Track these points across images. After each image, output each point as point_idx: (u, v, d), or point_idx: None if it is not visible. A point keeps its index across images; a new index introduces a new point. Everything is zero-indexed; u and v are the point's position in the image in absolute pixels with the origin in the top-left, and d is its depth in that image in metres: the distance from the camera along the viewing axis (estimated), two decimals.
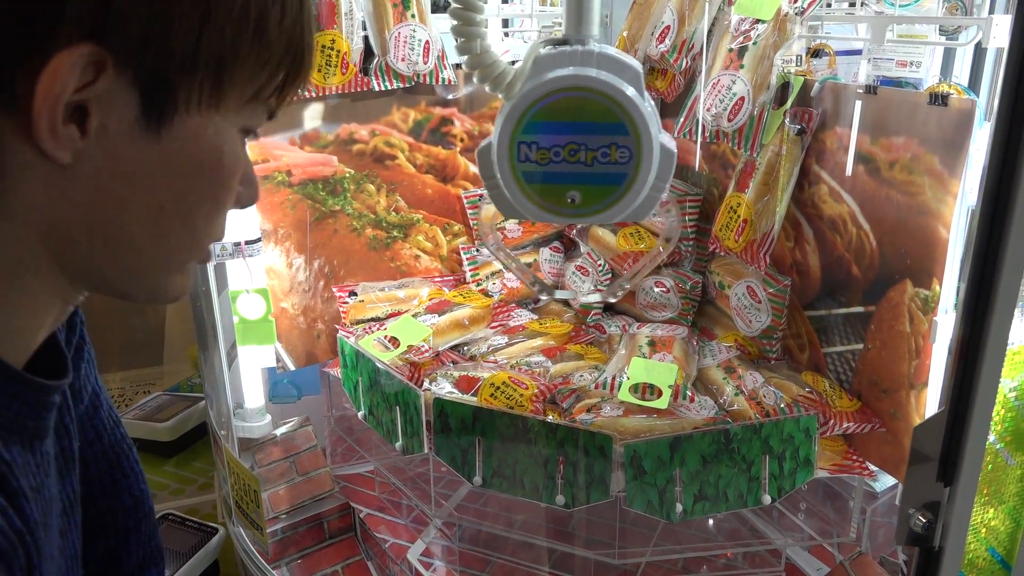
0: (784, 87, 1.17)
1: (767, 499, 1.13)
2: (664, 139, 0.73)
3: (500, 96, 0.77)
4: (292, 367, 1.50)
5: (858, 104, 1.07)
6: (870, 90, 1.06)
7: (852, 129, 1.09)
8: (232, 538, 1.36)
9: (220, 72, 0.46)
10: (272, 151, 1.38)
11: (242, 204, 0.54)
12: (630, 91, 0.70)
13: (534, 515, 1.36)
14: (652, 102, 0.75)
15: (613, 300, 1.33)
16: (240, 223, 1.36)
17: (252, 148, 1.37)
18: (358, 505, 1.50)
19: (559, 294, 1.21)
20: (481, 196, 1.54)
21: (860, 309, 1.14)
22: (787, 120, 1.16)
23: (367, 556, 1.49)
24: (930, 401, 1.04)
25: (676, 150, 0.75)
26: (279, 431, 1.58)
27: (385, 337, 1.32)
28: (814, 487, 1.33)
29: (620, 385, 1.13)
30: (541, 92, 0.71)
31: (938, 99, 0.97)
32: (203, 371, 1.37)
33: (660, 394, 1.11)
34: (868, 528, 1.21)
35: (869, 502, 1.21)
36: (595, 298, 1.14)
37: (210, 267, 1.34)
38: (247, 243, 1.34)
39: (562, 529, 1.35)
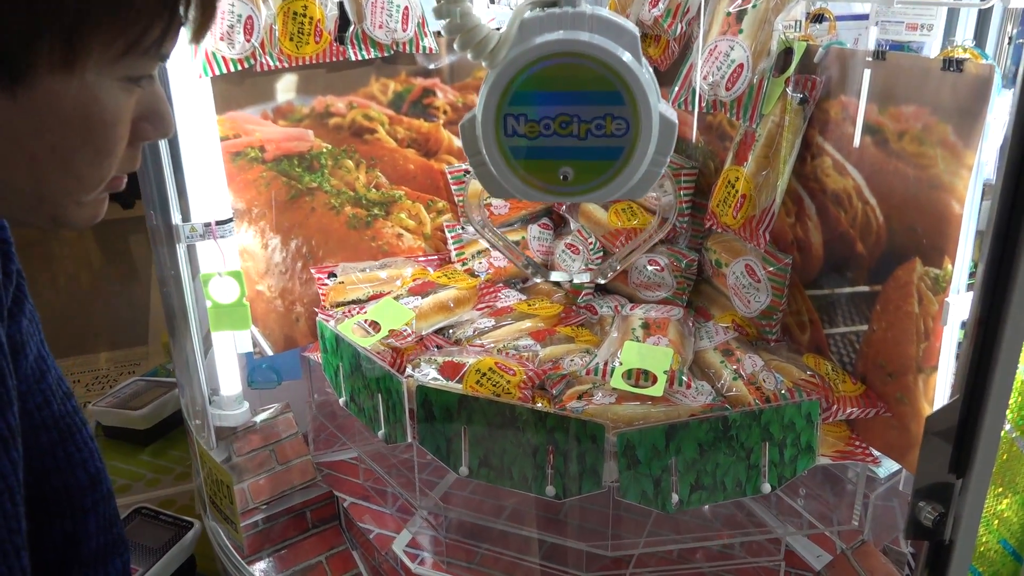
0: (786, 53, 1.10)
1: (767, 488, 1.08)
2: (664, 108, 0.67)
3: (484, 64, 0.70)
4: (270, 352, 1.44)
5: (866, 71, 1.00)
6: (878, 55, 0.99)
7: (859, 97, 1.02)
8: (208, 532, 1.31)
9: (70, 36, 0.47)
10: (243, 125, 1.31)
11: (151, 138, 0.56)
12: (627, 56, 0.64)
13: (524, 503, 1.31)
14: (650, 68, 0.69)
15: (603, 281, 1.27)
16: (211, 202, 1.29)
17: (222, 123, 1.29)
18: (342, 494, 1.45)
19: (554, 276, 1.15)
20: (466, 171, 1.47)
21: (865, 288, 1.08)
22: (789, 88, 1.09)
23: (352, 546, 1.44)
24: (940, 386, 0.99)
25: (677, 120, 0.69)
26: (259, 418, 1.52)
27: (365, 321, 1.25)
28: (814, 472, 1.28)
29: (612, 371, 1.07)
30: (528, 59, 0.65)
31: (952, 64, 0.91)
32: (175, 358, 1.31)
33: (655, 380, 1.05)
34: (871, 515, 1.16)
35: (872, 488, 1.17)
36: (585, 278, 1.08)
37: (180, 249, 1.27)
38: (218, 223, 1.27)
39: (553, 517, 1.30)
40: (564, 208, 1.46)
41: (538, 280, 1.37)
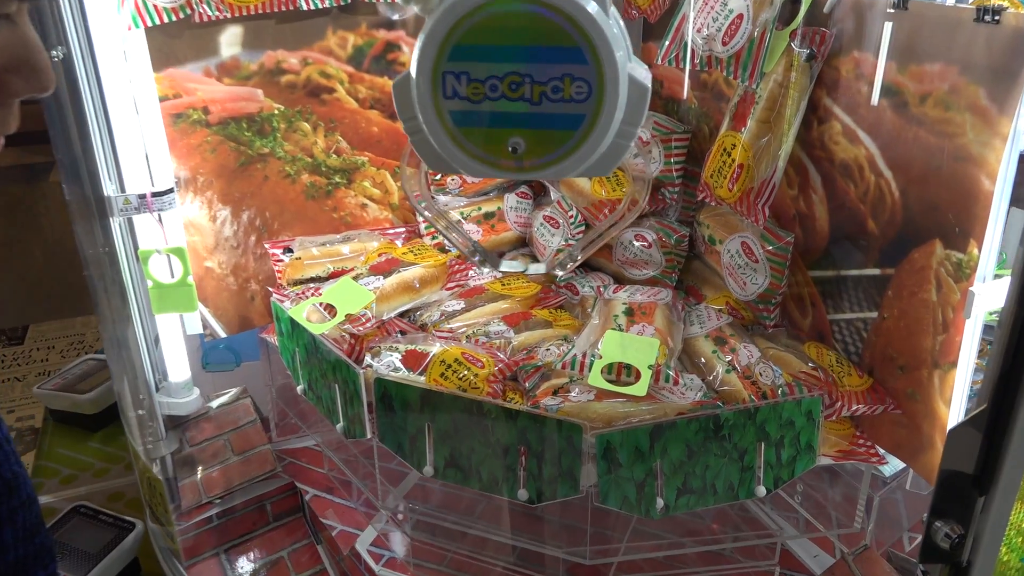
0: (792, 2, 0.96)
1: (762, 491, 0.97)
2: (635, 69, 0.57)
3: (417, 11, 0.57)
4: (223, 334, 1.32)
5: (885, 24, 0.86)
6: (900, 4, 0.85)
7: (875, 53, 0.89)
8: (150, 534, 1.21)
9: None
10: (183, 84, 1.17)
11: (23, 94, 0.49)
12: (591, 5, 0.54)
13: (497, 500, 1.21)
14: (619, 19, 0.58)
15: (561, 273, 1.13)
16: (148, 171, 1.16)
17: (160, 81, 1.15)
18: (304, 486, 1.35)
19: (504, 267, 1.00)
20: None
21: (876, 271, 0.96)
22: (795, 43, 0.96)
23: (316, 540, 1.34)
24: (959, 385, 0.88)
25: (650, 84, 0.58)
26: (214, 404, 1.41)
27: (321, 304, 1.13)
28: (813, 468, 1.18)
29: (591, 365, 0.96)
30: (469, 5, 0.54)
31: (987, 14, 0.77)
32: (106, 346, 1.18)
33: (638, 376, 0.93)
34: (874, 518, 1.06)
35: (876, 488, 1.06)
36: (540, 269, 0.94)
37: (114, 224, 1.14)
38: (154, 195, 1.14)
39: (530, 513, 1.20)
40: None
41: (485, 271, 1.24)
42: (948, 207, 0.85)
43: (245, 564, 1.30)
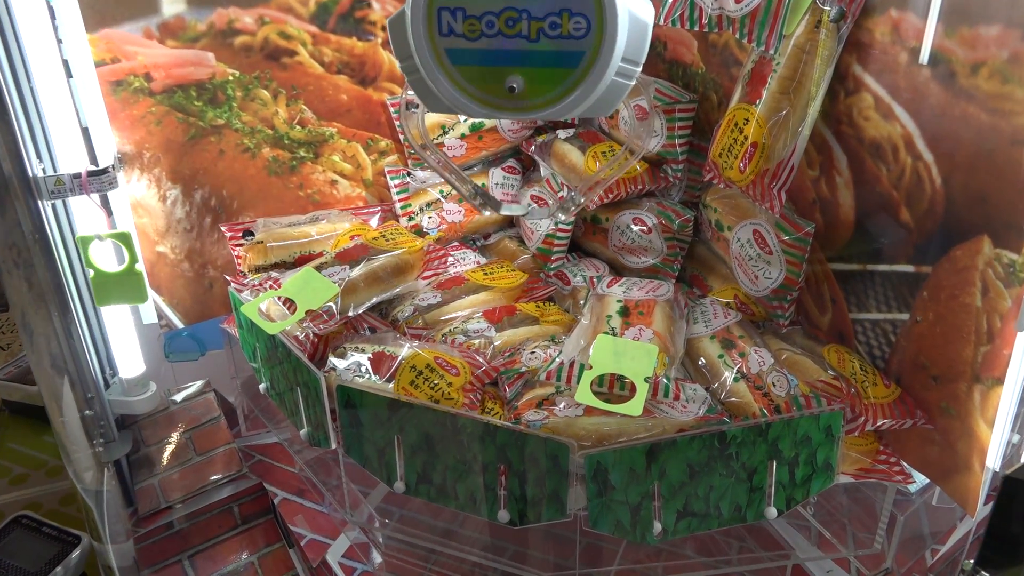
0: None
1: (772, 513, 0.86)
2: (635, 3, 0.55)
3: None
4: (180, 324, 1.20)
5: None
6: None
7: (918, 13, 0.75)
8: (94, 548, 1.11)
9: None
10: (121, 47, 1.03)
11: None
12: None
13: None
14: None
15: (564, 217, 1.01)
16: (83, 147, 1.03)
17: (95, 44, 1.02)
18: (273, 487, 1.24)
19: (505, 209, 0.88)
20: (411, 104, 1.19)
21: (909, 268, 0.84)
22: (820, 0, 0.82)
23: (289, 543, 1.24)
24: (1004, 404, 0.76)
25: (651, 19, 0.57)
26: (178, 396, 1.31)
27: (281, 297, 1.01)
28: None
29: (580, 375, 0.84)
30: None
31: None
32: (26, 344, 1.05)
33: (633, 391, 0.81)
34: (897, 539, 0.95)
35: (900, 509, 0.95)
36: (543, 214, 0.83)
37: (47, 207, 1.01)
38: (91, 175, 1.01)
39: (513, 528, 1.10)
40: (533, 149, 1.19)
41: (487, 213, 1.11)
42: (1000, 199, 0.72)
43: (211, 571, 1.20)
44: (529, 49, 0.57)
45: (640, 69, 0.59)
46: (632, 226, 1.07)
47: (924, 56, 0.74)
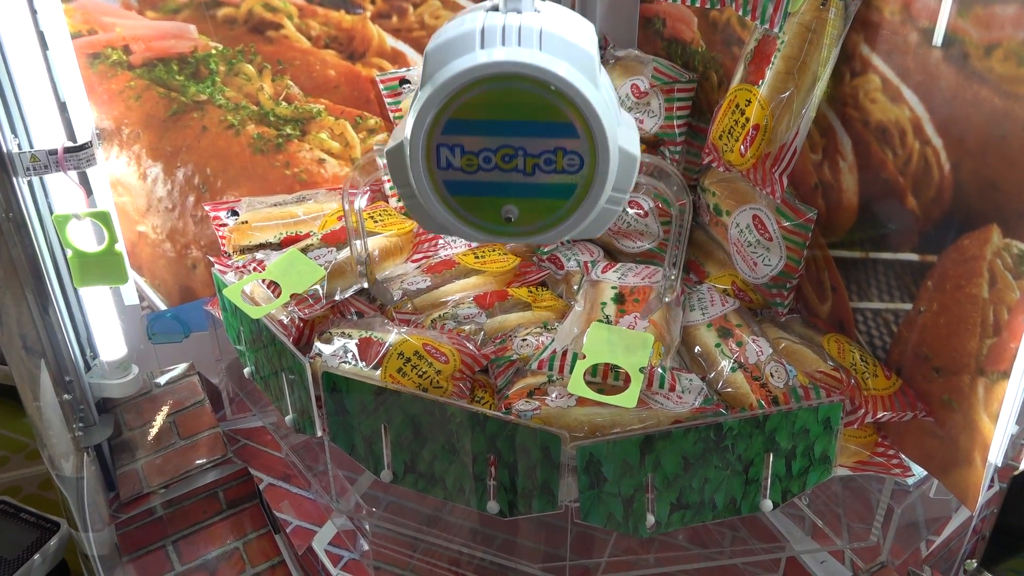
0: None
1: (768, 505, 0.85)
2: (624, 139, 0.59)
3: None
4: (162, 306, 1.17)
5: None
6: None
7: None
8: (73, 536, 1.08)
9: None
10: (99, 18, 0.99)
11: None
12: (581, 81, 0.55)
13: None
14: (610, 87, 0.60)
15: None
16: (60, 122, 0.99)
17: (71, 15, 0.97)
18: (258, 472, 1.22)
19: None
20: (402, 80, 1.16)
21: (913, 257, 0.81)
22: None
23: (275, 529, 1.22)
24: (1010, 399, 0.73)
25: (639, 153, 0.60)
26: (161, 379, 1.28)
27: (265, 280, 0.98)
28: None
29: (573, 364, 0.81)
30: (462, 82, 0.55)
31: None
32: (1, 324, 1.02)
33: (628, 381, 0.79)
34: (893, 532, 0.94)
35: (897, 500, 0.94)
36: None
37: (22, 184, 0.97)
38: (68, 151, 0.97)
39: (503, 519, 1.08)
40: None
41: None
42: (1011, 186, 0.69)
43: (195, 557, 1.18)
44: (524, 182, 0.59)
45: (628, 196, 0.62)
46: (628, 209, 1.04)
47: (938, 37, 0.70)
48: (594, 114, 0.55)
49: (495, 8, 0.58)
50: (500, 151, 0.58)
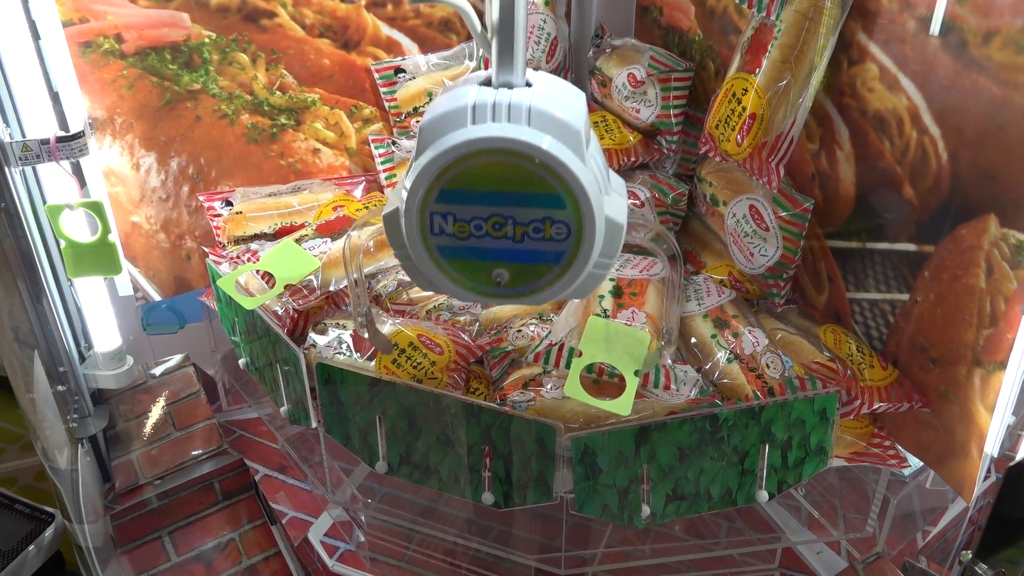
0: None
1: (764, 496, 0.84)
2: (611, 208, 0.61)
3: None
4: (157, 297, 1.17)
5: None
6: None
7: None
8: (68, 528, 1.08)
9: None
10: (91, 6, 0.98)
11: None
12: (567, 155, 0.57)
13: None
14: (599, 159, 0.61)
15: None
16: (52, 111, 0.98)
17: (62, 3, 0.97)
18: (254, 464, 1.22)
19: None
20: (397, 69, 1.15)
21: (911, 247, 0.81)
22: None
23: (271, 520, 1.22)
24: (1006, 391, 0.73)
25: (626, 218, 0.63)
26: (157, 370, 1.27)
27: (259, 271, 0.97)
28: None
29: (569, 357, 0.81)
30: (453, 156, 0.58)
31: None
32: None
33: (623, 383, 0.78)
34: (889, 522, 0.94)
35: (893, 491, 0.93)
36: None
37: (15, 174, 0.97)
38: (60, 140, 0.97)
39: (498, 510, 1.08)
40: None
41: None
42: (1009, 176, 0.68)
43: (191, 548, 1.18)
44: (514, 248, 0.62)
45: (616, 260, 0.64)
46: None
47: (935, 25, 0.70)
48: (580, 186, 0.57)
49: (487, 82, 0.60)
50: (491, 219, 0.60)
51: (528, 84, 0.62)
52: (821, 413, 0.81)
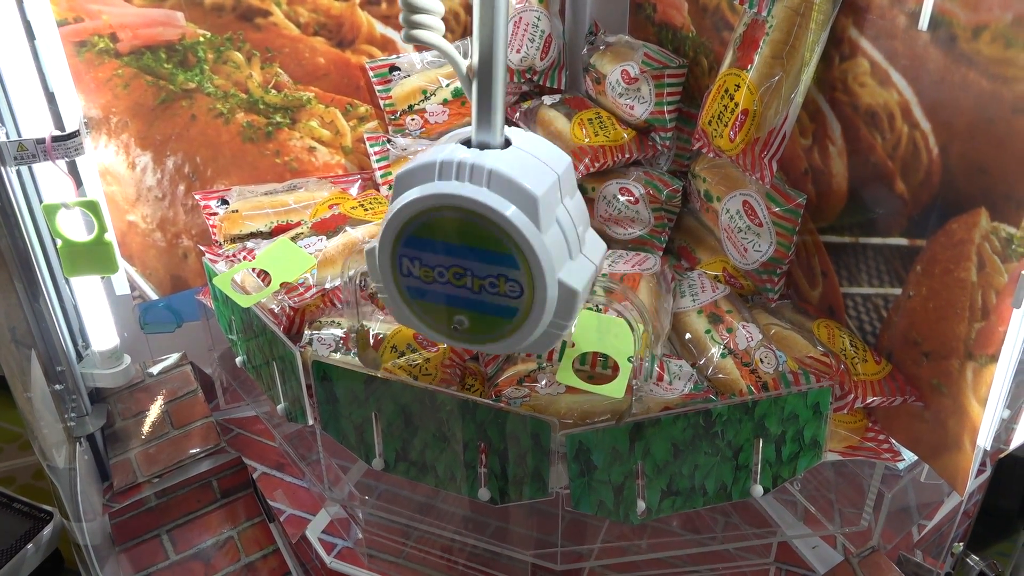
0: None
1: (758, 491, 0.85)
2: (569, 274, 0.64)
3: None
4: (154, 296, 1.17)
5: None
6: None
7: None
8: (66, 527, 1.09)
9: None
10: (85, 6, 0.98)
11: None
12: (520, 218, 0.60)
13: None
14: (574, 220, 0.64)
15: None
16: (47, 111, 0.98)
17: (57, 2, 0.97)
18: (252, 462, 1.22)
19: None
20: (392, 68, 1.15)
21: (903, 242, 0.81)
22: None
23: (269, 518, 1.22)
24: (998, 383, 0.73)
25: (583, 283, 0.65)
26: (154, 369, 1.28)
27: (255, 269, 0.98)
28: None
29: (562, 353, 0.81)
30: (417, 208, 0.62)
31: None
32: None
33: (616, 370, 0.79)
34: (884, 516, 0.94)
35: (888, 485, 0.94)
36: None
37: (11, 174, 0.97)
38: (56, 140, 0.97)
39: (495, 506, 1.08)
40: (518, 116, 1.15)
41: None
42: (999, 170, 0.69)
43: (189, 546, 1.18)
44: (473, 298, 0.65)
45: (571, 324, 0.67)
46: (619, 196, 1.03)
47: (924, 20, 0.70)
48: (531, 250, 0.60)
49: (467, 141, 0.64)
50: (452, 268, 0.64)
51: (508, 143, 0.65)
52: (815, 407, 0.81)
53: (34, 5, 0.94)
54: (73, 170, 1.03)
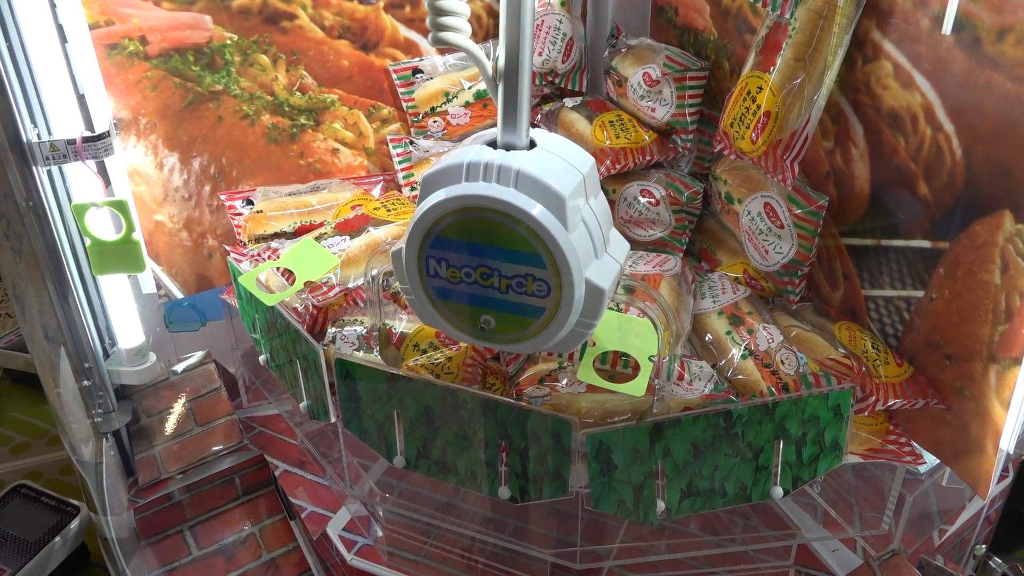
0: None
1: (778, 492, 0.85)
2: (596, 272, 0.64)
3: None
4: (179, 294, 1.19)
5: None
6: None
7: None
8: (93, 520, 1.11)
9: None
10: (116, 9, 1.00)
11: None
12: (547, 220, 0.61)
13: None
14: (599, 220, 0.65)
15: None
16: (78, 112, 1.00)
17: (89, 6, 0.99)
18: (274, 459, 1.23)
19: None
20: (415, 70, 1.16)
21: (926, 244, 0.81)
22: None
23: (290, 515, 1.24)
24: (1020, 385, 0.73)
25: (607, 287, 0.65)
26: (179, 367, 1.29)
27: (279, 268, 0.99)
28: None
29: (583, 352, 0.82)
30: (444, 209, 0.63)
31: None
32: (23, 314, 1.03)
33: (637, 369, 0.79)
34: (905, 520, 0.94)
35: (909, 489, 0.93)
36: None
37: (42, 174, 0.99)
38: (86, 140, 0.99)
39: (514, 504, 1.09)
40: (539, 118, 1.16)
41: None
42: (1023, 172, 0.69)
43: (212, 542, 1.20)
44: (500, 298, 0.66)
45: (598, 321, 0.67)
46: (640, 198, 1.04)
47: (948, 22, 0.70)
48: (558, 249, 0.60)
49: (492, 143, 0.64)
50: (479, 269, 0.64)
51: (533, 144, 0.65)
52: (835, 409, 0.81)
53: (66, 9, 0.96)
54: (102, 170, 1.05)
